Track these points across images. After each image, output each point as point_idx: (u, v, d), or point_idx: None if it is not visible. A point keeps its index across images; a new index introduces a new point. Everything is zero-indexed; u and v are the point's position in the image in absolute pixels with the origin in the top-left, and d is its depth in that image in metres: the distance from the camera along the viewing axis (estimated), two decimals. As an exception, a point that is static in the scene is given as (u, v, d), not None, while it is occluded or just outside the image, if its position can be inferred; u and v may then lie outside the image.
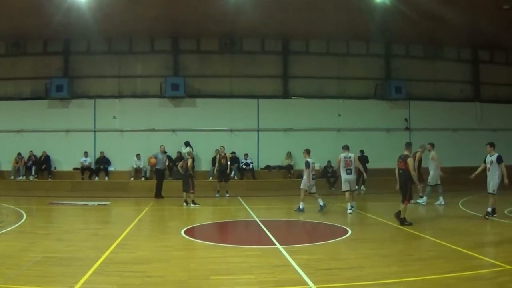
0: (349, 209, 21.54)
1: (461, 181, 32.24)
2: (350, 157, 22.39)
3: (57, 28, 32.11)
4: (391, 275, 9.99)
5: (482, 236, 15.28)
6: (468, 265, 10.70)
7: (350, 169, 22.16)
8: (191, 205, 23.84)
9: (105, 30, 32.96)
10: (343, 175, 22.18)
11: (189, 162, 24.53)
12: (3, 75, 35.45)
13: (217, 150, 30.02)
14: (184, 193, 24.22)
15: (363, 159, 32.84)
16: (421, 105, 37.31)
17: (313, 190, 22.35)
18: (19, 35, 34.29)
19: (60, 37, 34.94)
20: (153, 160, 28.18)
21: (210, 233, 17.47)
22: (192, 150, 31.20)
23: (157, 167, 28.31)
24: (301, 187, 22.32)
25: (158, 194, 27.77)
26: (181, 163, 25.45)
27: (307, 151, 22.63)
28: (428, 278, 9.64)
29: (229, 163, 29.89)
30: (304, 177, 22.20)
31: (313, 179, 22.27)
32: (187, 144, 33.54)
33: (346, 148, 22.81)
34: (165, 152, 29.30)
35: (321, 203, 21.94)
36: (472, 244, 12.97)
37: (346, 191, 22.02)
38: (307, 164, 22.08)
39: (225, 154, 29.50)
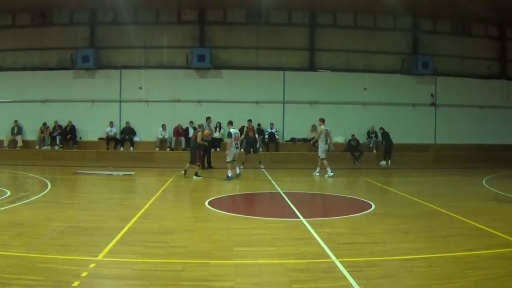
0: (331, 173, 25.00)
1: (486, 158, 32.40)
2: (328, 130, 25.88)
3: (83, -1, 32.30)
4: (413, 251, 9.94)
5: (505, 214, 15.04)
6: (489, 243, 10.61)
7: (327, 140, 25.67)
8: (194, 177, 23.80)
9: (131, 1, 32.96)
10: (323, 145, 25.56)
11: (199, 135, 24.54)
12: (29, 45, 35.63)
13: (248, 122, 29.96)
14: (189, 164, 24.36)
15: (386, 134, 32.92)
16: (448, 81, 36.92)
17: (232, 158, 23.77)
18: (44, 6, 34.47)
19: (86, 7, 34.99)
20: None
21: (234, 205, 17.53)
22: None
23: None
24: (227, 160, 23.62)
25: (203, 166, 27.83)
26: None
27: (230, 122, 24.49)
28: (449, 255, 9.54)
29: (257, 135, 29.98)
30: (230, 148, 23.64)
31: (236, 148, 23.85)
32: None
33: (323, 120, 26.14)
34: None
35: (238, 171, 24.02)
36: (494, 222, 12.83)
37: (324, 158, 25.42)
38: (229, 134, 23.90)
39: (253, 127, 29.55)
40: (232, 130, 23.96)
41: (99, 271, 8.37)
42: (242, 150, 27.33)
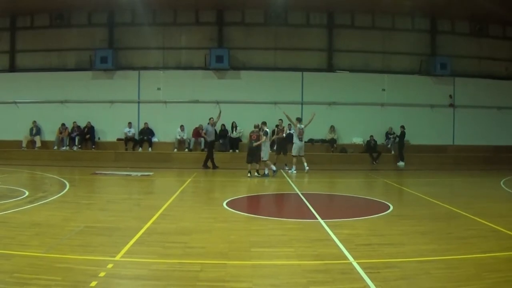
0: (294, 171, 26.65)
1: (504, 160, 32.18)
2: (302, 128, 27.04)
3: (101, 0, 32.35)
4: (430, 252, 9.91)
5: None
6: (508, 246, 10.53)
7: (302, 138, 27.01)
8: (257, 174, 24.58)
9: (149, 2, 33.12)
10: (297, 142, 27.00)
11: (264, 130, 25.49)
12: (48, 46, 35.84)
13: (279, 121, 30.64)
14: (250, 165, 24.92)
15: (402, 134, 32.94)
16: (466, 82, 36.68)
17: (266, 157, 25.15)
18: (63, 7, 34.66)
19: (104, 8, 35.15)
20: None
21: (252, 205, 17.53)
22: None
23: (208, 139, 28.56)
24: (264, 159, 25.05)
25: (205, 165, 28.19)
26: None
27: (264, 123, 25.58)
28: (467, 257, 9.52)
29: (284, 135, 30.12)
30: (264, 147, 24.98)
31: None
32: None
33: (300, 120, 27.67)
34: (213, 124, 29.20)
35: (274, 168, 25.26)
36: (513, 225, 12.80)
37: (296, 156, 26.91)
38: (266, 133, 25.28)
39: (283, 127, 30.00)
40: (267, 130, 25.38)
41: (117, 271, 8.41)
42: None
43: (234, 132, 34.40)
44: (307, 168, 26.35)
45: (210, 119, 28.92)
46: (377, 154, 33.67)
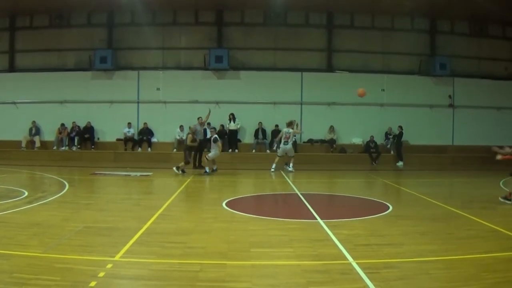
0: (273, 170, 27.42)
1: (504, 160, 32.18)
2: (289, 132, 27.89)
3: (100, 0, 32.33)
4: (430, 253, 9.88)
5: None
6: (507, 246, 10.50)
7: (287, 141, 27.73)
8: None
9: (149, 2, 33.08)
10: (281, 145, 28.07)
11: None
12: (47, 46, 35.82)
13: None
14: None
15: (400, 134, 32.97)
16: (465, 82, 36.64)
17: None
18: (63, 7, 34.56)
19: (104, 9, 35.10)
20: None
21: (251, 206, 17.43)
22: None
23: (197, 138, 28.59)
24: (210, 157, 26.34)
25: (194, 165, 28.06)
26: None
27: (215, 129, 28.52)
28: (466, 258, 9.50)
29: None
30: (214, 150, 26.26)
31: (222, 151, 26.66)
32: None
33: (288, 124, 28.35)
34: (201, 124, 29.14)
35: (215, 167, 26.43)
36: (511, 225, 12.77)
37: (281, 156, 28.14)
38: (215, 140, 26.29)
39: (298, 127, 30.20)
40: (216, 136, 26.84)
41: (116, 272, 8.40)
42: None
43: (232, 123, 34.42)
44: (272, 169, 27.60)
45: (198, 118, 28.91)
46: (377, 154, 33.67)
